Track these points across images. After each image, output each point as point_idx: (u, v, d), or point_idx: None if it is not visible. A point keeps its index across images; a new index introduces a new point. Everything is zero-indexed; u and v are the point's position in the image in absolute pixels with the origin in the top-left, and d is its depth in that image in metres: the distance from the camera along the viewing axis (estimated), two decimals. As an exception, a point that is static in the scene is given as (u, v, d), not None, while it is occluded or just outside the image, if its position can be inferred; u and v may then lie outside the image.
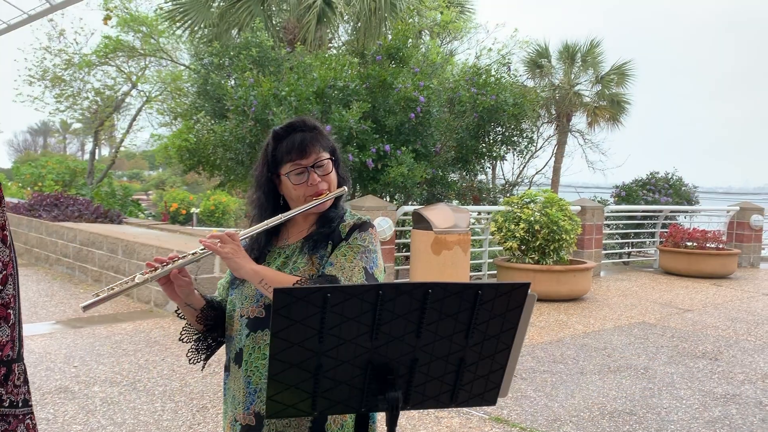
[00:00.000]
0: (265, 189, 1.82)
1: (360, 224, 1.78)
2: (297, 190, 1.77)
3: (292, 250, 1.79)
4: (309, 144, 1.77)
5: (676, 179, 13.73)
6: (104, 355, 5.38)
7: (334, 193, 1.80)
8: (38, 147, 62.43)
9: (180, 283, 1.75)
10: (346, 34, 13.82)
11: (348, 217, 1.80)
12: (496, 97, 9.77)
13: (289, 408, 1.39)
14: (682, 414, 4.31)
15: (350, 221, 1.79)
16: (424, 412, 4.18)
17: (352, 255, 1.71)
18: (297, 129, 1.79)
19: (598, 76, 17.90)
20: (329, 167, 1.80)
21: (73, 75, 17.57)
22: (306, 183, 1.76)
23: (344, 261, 1.70)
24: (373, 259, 1.74)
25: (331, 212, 1.82)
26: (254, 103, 8.41)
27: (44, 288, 8.31)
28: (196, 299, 1.81)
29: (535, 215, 8.27)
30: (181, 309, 1.83)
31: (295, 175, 1.76)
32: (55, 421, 3.95)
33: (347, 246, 1.73)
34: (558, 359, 5.53)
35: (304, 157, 1.76)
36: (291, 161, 1.76)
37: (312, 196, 1.77)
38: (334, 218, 1.80)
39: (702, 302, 8.32)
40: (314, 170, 1.77)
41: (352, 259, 1.71)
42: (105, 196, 15.93)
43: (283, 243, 1.83)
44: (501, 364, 1.48)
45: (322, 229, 1.78)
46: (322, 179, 1.78)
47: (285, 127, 1.81)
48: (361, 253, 1.72)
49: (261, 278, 1.66)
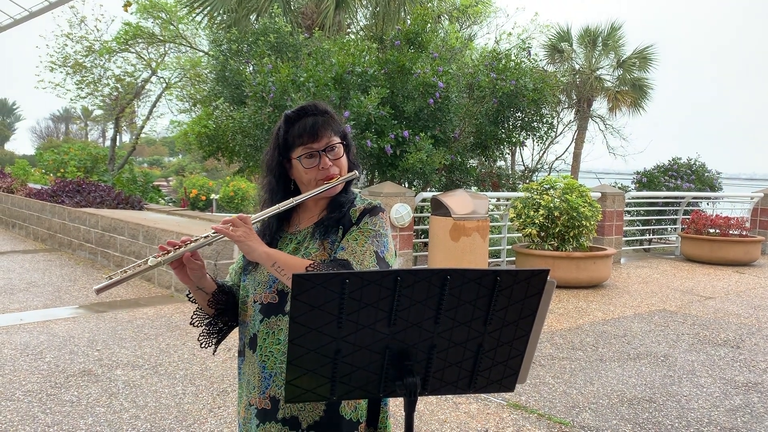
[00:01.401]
0: (276, 173, 1.82)
1: (370, 209, 1.77)
2: (308, 173, 1.76)
3: (303, 235, 1.79)
4: (321, 127, 1.76)
5: (699, 165, 13.53)
6: (126, 339, 5.46)
7: (345, 176, 1.79)
8: (60, 134, 63.19)
9: (192, 267, 1.75)
10: (364, 19, 13.76)
11: (358, 202, 1.80)
12: (516, 82, 9.68)
13: (308, 392, 1.40)
14: (703, 402, 4.27)
15: (360, 206, 1.78)
16: (442, 398, 4.20)
17: (363, 239, 1.71)
18: (309, 113, 1.79)
19: (619, 60, 17.67)
20: (340, 151, 1.79)
21: (93, 62, 17.71)
22: (317, 167, 1.76)
23: (355, 245, 1.70)
24: (383, 243, 1.74)
25: (342, 197, 1.81)
26: (273, 89, 8.42)
27: (67, 273, 8.44)
28: (207, 283, 1.81)
29: (555, 201, 8.21)
30: (192, 293, 1.83)
31: (306, 158, 1.76)
32: (79, 404, 4.02)
33: (358, 230, 1.73)
34: (577, 346, 5.51)
35: (315, 140, 1.75)
36: (302, 144, 1.76)
37: (323, 180, 1.76)
38: (344, 203, 1.80)
39: (724, 290, 8.23)
40: (325, 154, 1.76)
41: (363, 243, 1.70)
42: (126, 183, 16.10)
43: (295, 229, 1.83)
44: (519, 351, 1.47)
45: (332, 214, 1.78)
46: (334, 163, 1.77)
47: (296, 111, 1.80)
48: (372, 238, 1.72)
49: (273, 261, 1.66)
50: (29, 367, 4.68)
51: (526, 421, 3.92)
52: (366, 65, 8.68)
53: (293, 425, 1.70)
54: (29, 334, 5.53)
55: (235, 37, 10.41)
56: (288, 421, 1.70)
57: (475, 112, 9.79)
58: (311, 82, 8.27)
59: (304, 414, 1.69)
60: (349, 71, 8.54)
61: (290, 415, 1.70)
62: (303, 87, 8.27)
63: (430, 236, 7.74)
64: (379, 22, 11.74)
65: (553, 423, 3.88)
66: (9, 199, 13.02)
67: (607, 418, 3.97)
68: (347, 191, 1.84)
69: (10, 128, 70.66)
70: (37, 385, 4.32)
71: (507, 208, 9.36)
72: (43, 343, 5.27)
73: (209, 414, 3.91)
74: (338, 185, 1.79)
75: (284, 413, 1.70)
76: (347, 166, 1.82)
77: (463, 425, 3.83)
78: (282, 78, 8.41)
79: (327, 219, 1.78)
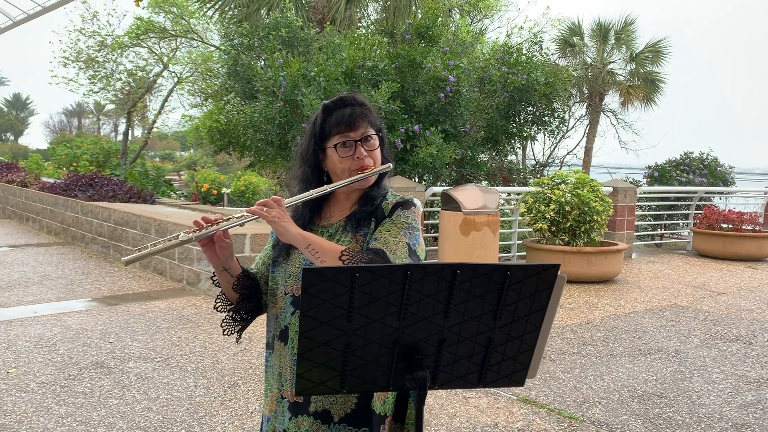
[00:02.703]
0: (311, 163, 1.81)
1: (403, 202, 1.78)
2: (342, 163, 1.76)
3: (335, 228, 1.79)
4: (358, 118, 1.77)
5: (712, 159, 13.42)
6: (138, 331, 5.50)
7: (379, 168, 1.79)
8: (73, 128, 63.60)
9: (222, 245, 1.74)
10: (375, 13, 13.73)
11: (390, 196, 1.81)
12: (528, 77, 9.63)
13: (318, 385, 1.41)
14: (714, 398, 4.25)
15: (393, 200, 1.79)
16: (452, 392, 4.20)
17: (396, 231, 1.71)
18: (347, 103, 1.79)
19: (632, 54, 17.53)
20: (376, 143, 1.80)
21: (106, 56, 17.80)
22: (352, 156, 1.76)
23: (389, 236, 1.70)
24: (416, 237, 1.74)
25: (374, 191, 1.82)
26: (283, 83, 8.43)
27: (80, 266, 8.51)
28: (234, 264, 1.79)
29: (566, 196, 8.18)
30: (217, 274, 1.81)
31: (342, 147, 1.76)
32: (92, 395, 4.06)
33: (391, 222, 1.73)
34: (587, 341, 5.50)
35: (352, 129, 1.76)
36: (339, 133, 1.76)
37: (357, 170, 1.76)
38: (376, 196, 1.80)
39: (737, 285, 8.17)
40: (361, 144, 1.76)
41: (396, 235, 1.70)
42: (138, 177, 16.18)
43: (326, 222, 1.83)
44: (529, 345, 1.47)
45: (364, 207, 1.78)
46: (369, 155, 1.77)
47: (335, 101, 1.80)
48: (405, 230, 1.72)
49: (308, 243, 1.65)
50: (43, 359, 4.73)
51: (536, 415, 3.92)
52: (376, 59, 8.67)
53: (325, 418, 1.69)
54: (43, 327, 5.59)
55: (246, 32, 10.42)
56: (320, 414, 1.70)
57: (485, 107, 9.75)
58: (322, 77, 8.27)
59: (336, 407, 1.69)
60: (359, 65, 8.53)
61: (322, 409, 1.69)
62: (314, 81, 8.27)
63: (441, 231, 7.73)
64: (390, 16, 11.71)
65: (563, 418, 3.88)
66: (23, 192, 13.14)
67: (617, 413, 3.96)
68: (379, 185, 1.84)
69: (24, 123, 71.19)
70: (50, 377, 4.37)
71: (518, 203, 9.33)
72: (57, 336, 5.33)
73: (220, 406, 3.94)
74: (372, 177, 1.78)
75: (316, 406, 1.70)
76: (381, 160, 1.82)
77: (473, 419, 3.84)
78: (293, 72, 8.41)
79: (359, 212, 1.78)
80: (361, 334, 1.36)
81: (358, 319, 1.34)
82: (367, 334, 1.36)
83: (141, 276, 7.91)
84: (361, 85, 8.43)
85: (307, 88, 8.13)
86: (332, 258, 1.64)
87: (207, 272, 7.00)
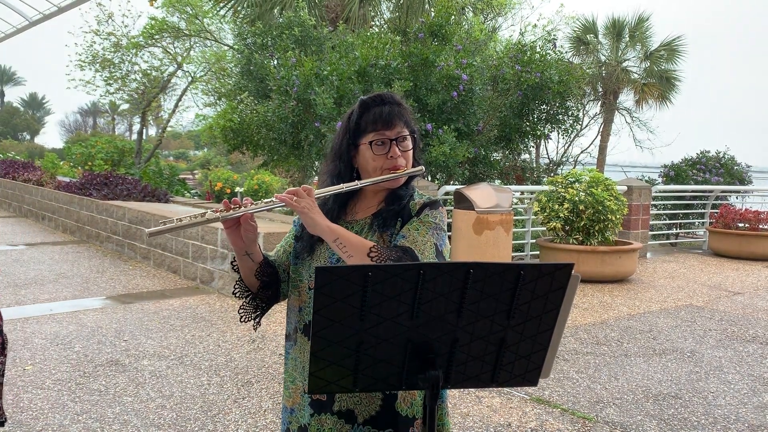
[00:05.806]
0: (345, 158, 1.80)
1: (430, 203, 1.77)
2: (375, 161, 1.75)
3: (360, 226, 1.78)
4: (395, 117, 1.76)
5: (728, 158, 13.28)
6: (152, 330, 5.54)
7: (412, 169, 1.79)
8: (88, 127, 64.15)
9: (247, 228, 1.72)
10: (388, 12, 13.73)
11: (417, 197, 1.79)
12: (541, 75, 9.58)
13: (331, 384, 1.41)
14: (730, 399, 4.21)
15: (420, 200, 1.78)
16: (465, 391, 4.20)
17: (424, 230, 1.70)
18: (386, 101, 1.78)
19: (646, 52, 17.39)
20: (409, 144, 1.79)
21: (121, 57, 17.93)
22: (386, 155, 1.74)
23: (417, 234, 1.69)
24: (442, 237, 1.73)
25: (402, 190, 1.80)
26: (296, 82, 8.45)
27: (95, 264, 8.58)
28: (256, 250, 1.78)
29: (580, 195, 8.13)
30: (238, 259, 1.79)
31: (377, 145, 1.74)
32: (107, 393, 4.10)
33: (419, 221, 1.72)
34: (601, 341, 5.47)
35: (388, 128, 1.75)
36: (375, 131, 1.75)
37: (389, 170, 1.75)
38: (404, 196, 1.79)
39: (753, 285, 8.08)
40: (396, 144, 1.75)
41: (424, 234, 1.69)
42: (152, 176, 16.30)
43: (351, 218, 1.82)
44: (543, 345, 1.46)
45: (392, 206, 1.77)
46: (402, 155, 1.76)
47: (373, 98, 1.79)
48: (432, 230, 1.71)
49: (336, 237, 1.64)
50: (59, 357, 4.77)
51: (549, 415, 3.90)
52: (389, 58, 8.66)
53: (349, 418, 1.68)
54: (59, 324, 5.64)
55: (259, 31, 10.46)
56: (344, 414, 1.68)
57: (499, 105, 9.72)
58: (335, 76, 8.28)
59: (360, 408, 1.68)
60: (372, 64, 8.53)
61: (346, 408, 1.68)
62: (326, 80, 8.28)
63: (453, 230, 7.71)
64: (403, 15, 11.70)
65: (576, 418, 3.86)
66: (39, 191, 13.27)
67: (631, 414, 3.93)
68: (408, 186, 1.83)
69: (40, 122, 71.93)
70: (66, 374, 4.41)
71: (531, 202, 9.29)
72: (72, 333, 5.37)
73: (234, 404, 3.95)
74: (403, 177, 1.78)
75: (340, 406, 1.69)
76: (413, 161, 1.82)
77: (486, 419, 3.82)
78: (305, 72, 8.43)
79: (386, 211, 1.77)
80: (374, 333, 1.36)
81: (371, 317, 1.34)
82: (379, 333, 1.36)
83: (155, 274, 7.97)
84: (373, 84, 8.43)
85: (320, 87, 8.15)
86: (360, 253, 1.62)
87: (220, 271, 7.04)
